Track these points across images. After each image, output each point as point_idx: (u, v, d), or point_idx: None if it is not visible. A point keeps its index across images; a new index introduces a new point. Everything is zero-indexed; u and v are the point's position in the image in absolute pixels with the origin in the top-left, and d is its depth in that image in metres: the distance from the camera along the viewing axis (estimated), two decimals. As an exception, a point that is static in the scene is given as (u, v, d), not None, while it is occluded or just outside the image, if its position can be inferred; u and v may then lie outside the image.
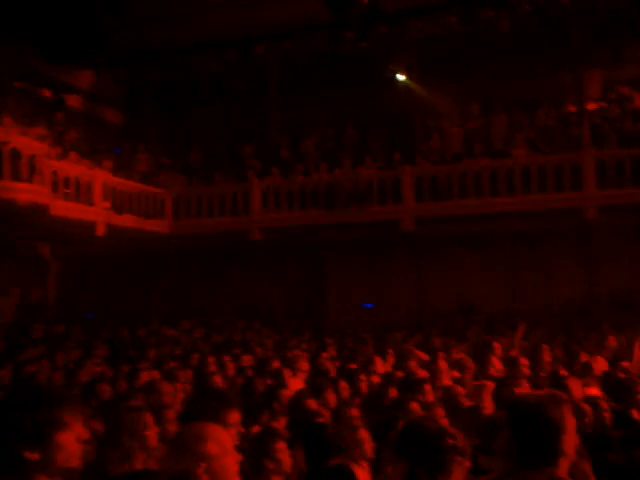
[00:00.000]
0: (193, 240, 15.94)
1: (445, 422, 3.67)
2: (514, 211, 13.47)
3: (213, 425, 2.36)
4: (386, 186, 14.65)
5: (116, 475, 3.14)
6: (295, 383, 6.53)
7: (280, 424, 4.32)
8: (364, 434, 4.21)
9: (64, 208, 13.01)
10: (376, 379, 6.96)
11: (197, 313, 15.47)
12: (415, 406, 4.28)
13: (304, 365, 7.72)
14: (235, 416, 3.15)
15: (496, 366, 7.17)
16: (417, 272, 16.18)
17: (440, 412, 4.18)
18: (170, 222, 16.00)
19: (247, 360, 9.09)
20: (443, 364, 7.50)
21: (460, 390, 5.71)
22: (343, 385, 6.22)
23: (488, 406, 5.04)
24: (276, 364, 7.56)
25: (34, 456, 1.96)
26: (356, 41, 13.65)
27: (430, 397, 5.22)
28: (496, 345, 8.39)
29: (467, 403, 5.30)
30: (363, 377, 6.69)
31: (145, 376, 6.27)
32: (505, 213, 13.59)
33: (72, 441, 2.04)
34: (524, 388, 5.25)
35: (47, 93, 13.02)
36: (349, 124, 16.77)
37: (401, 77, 16.38)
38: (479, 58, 15.36)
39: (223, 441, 2.26)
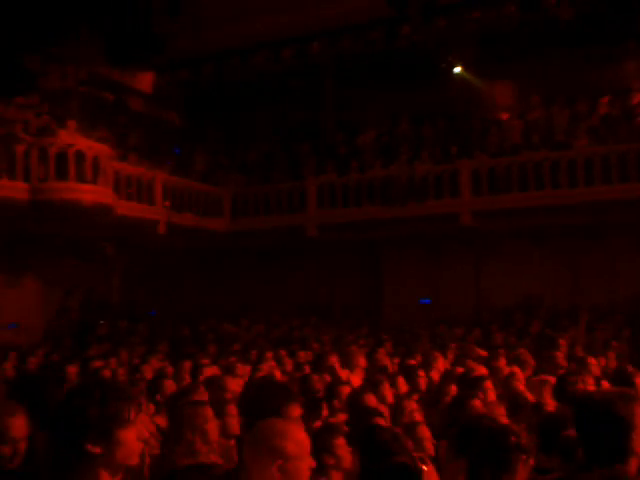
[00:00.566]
0: (251, 237, 16.15)
1: (506, 420, 3.62)
2: (576, 203, 13.10)
3: (292, 423, 2.37)
4: (443, 180, 14.49)
5: (179, 468, 3.21)
6: (352, 379, 6.55)
7: (339, 420, 4.34)
8: (424, 431, 4.18)
9: (127, 208, 13.39)
10: (435, 375, 6.92)
11: (255, 309, 15.67)
12: (476, 403, 4.23)
13: (361, 361, 7.73)
14: (296, 410, 3.16)
15: (559, 362, 7.00)
16: (475, 266, 15.94)
17: (501, 410, 4.11)
18: (228, 220, 16.26)
19: (304, 356, 9.17)
20: (503, 360, 7.39)
21: (521, 387, 5.61)
22: (401, 381, 6.20)
23: (549, 403, 4.93)
24: (333, 360, 7.59)
25: (96, 450, 2.00)
26: (413, 35, 13.52)
27: (490, 394, 5.15)
28: (560, 341, 8.21)
29: (528, 400, 5.20)
30: (422, 373, 6.65)
31: (207, 371, 6.40)
32: (567, 205, 13.23)
33: (133, 438, 2.08)
34: (589, 385, 5.12)
35: (109, 96, 13.41)
36: (405, 118, 16.63)
37: (457, 69, 16.15)
38: (538, 48, 14.98)
39: (302, 443, 2.23)
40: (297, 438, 2.23)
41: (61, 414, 2.09)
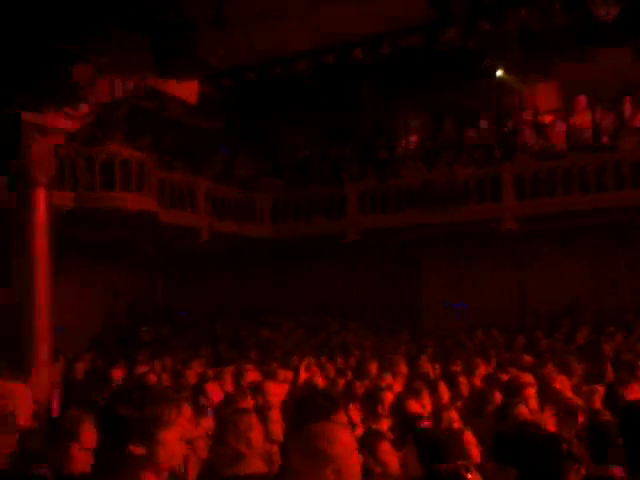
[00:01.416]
0: (291, 242, 16.23)
1: (554, 428, 3.55)
2: (623, 206, 12.81)
3: (337, 425, 2.39)
4: (485, 184, 14.33)
5: (227, 477, 3.23)
6: (394, 386, 6.51)
7: (383, 426, 4.32)
8: (470, 438, 4.13)
9: (170, 215, 13.62)
10: (478, 382, 6.83)
11: (295, 314, 15.73)
12: (522, 411, 4.16)
13: (402, 367, 7.69)
14: (342, 417, 3.17)
15: (607, 369, 6.84)
16: (517, 271, 15.69)
17: (550, 418, 4.03)
18: (269, 226, 16.37)
19: (346, 362, 9.16)
20: (550, 367, 7.26)
21: (569, 394, 5.50)
22: (443, 387, 6.14)
23: (599, 411, 4.81)
24: (374, 366, 7.57)
25: (139, 451, 2.03)
26: (455, 38, 13.42)
27: (535, 402, 5.06)
28: (606, 346, 8.02)
29: (577, 408, 5.09)
30: (464, 380, 6.58)
31: (250, 376, 6.45)
32: (613, 209, 12.95)
33: (175, 440, 2.10)
34: (638, 393, 4.99)
35: (154, 105, 13.68)
36: (445, 122, 16.51)
37: (500, 72, 15.97)
38: (583, 48, 14.70)
39: (348, 441, 2.26)
40: (344, 439, 2.26)
41: (104, 417, 2.15)
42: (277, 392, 4.93)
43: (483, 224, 14.24)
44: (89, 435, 2.88)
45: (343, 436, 2.27)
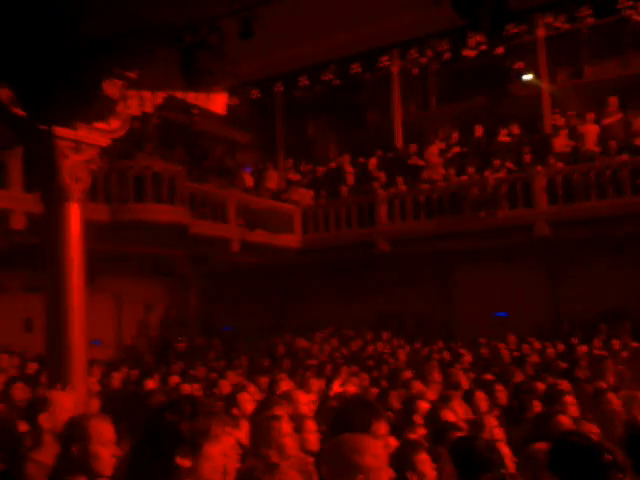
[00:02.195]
0: (321, 253, 16.23)
1: (597, 437, 3.46)
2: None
3: (368, 437, 2.37)
4: (516, 189, 14.17)
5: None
6: (428, 395, 6.43)
7: (419, 435, 4.27)
8: (505, 449, 4.06)
9: (202, 227, 13.74)
10: (514, 390, 6.71)
11: (328, 324, 15.71)
12: (562, 419, 4.07)
13: (437, 376, 7.61)
14: (384, 427, 3.13)
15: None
16: (552, 278, 15.45)
17: (591, 426, 3.93)
18: (299, 236, 16.41)
19: (380, 371, 9.10)
20: (587, 374, 7.12)
21: (610, 402, 5.36)
22: (480, 396, 6.05)
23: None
24: (408, 375, 7.50)
25: (185, 463, 2.02)
26: (483, 43, 13.34)
27: (574, 410, 4.95)
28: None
29: (618, 416, 4.97)
30: (500, 388, 6.48)
31: (283, 386, 6.45)
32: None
33: (220, 453, 2.10)
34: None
35: (184, 118, 13.87)
36: (475, 127, 16.40)
37: (528, 76, 15.82)
38: (613, 50, 14.50)
39: (379, 454, 2.25)
40: (374, 451, 2.25)
41: (152, 427, 2.13)
42: (307, 401, 4.92)
43: (515, 230, 14.06)
44: (108, 431, 2.90)
45: (374, 447, 2.26)
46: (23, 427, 3.90)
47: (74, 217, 4.74)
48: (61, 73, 4.01)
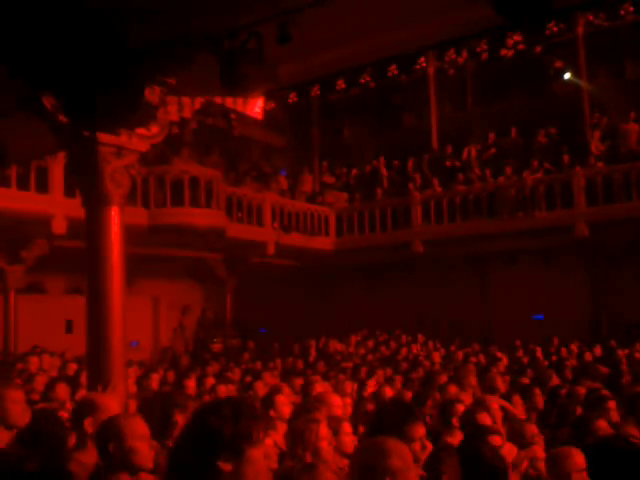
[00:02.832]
0: (356, 255, 16.23)
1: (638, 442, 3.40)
2: None
3: (395, 439, 2.38)
4: (555, 190, 13.96)
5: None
6: (464, 398, 6.38)
7: (456, 439, 4.25)
8: (539, 451, 4.02)
9: (238, 229, 13.87)
10: (551, 394, 6.62)
11: (362, 326, 15.69)
12: (601, 424, 4.01)
13: (472, 380, 7.53)
14: (421, 430, 3.12)
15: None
16: (592, 279, 15.17)
17: (633, 430, 3.86)
18: (334, 239, 16.44)
19: (416, 374, 9.05)
20: (627, 378, 6.98)
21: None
22: (517, 400, 5.99)
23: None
24: (444, 379, 7.44)
25: (227, 467, 2.00)
26: (522, 42, 13.18)
27: (616, 415, 4.87)
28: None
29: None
30: (538, 392, 6.39)
31: (318, 388, 6.45)
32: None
33: (261, 457, 2.08)
34: None
35: (221, 122, 14.04)
36: (513, 127, 16.21)
37: (567, 75, 15.58)
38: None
39: (405, 455, 2.26)
40: (400, 452, 2.26)
41: (194, 430, 2.10)
42: (341, 404, 4.91)
43: (554, 231, 13.86)
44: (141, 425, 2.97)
45: (401, 450, 2.26)
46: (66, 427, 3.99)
47: (115, 221, 4.84)
48: (105, 81, 4.10)
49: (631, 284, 14.25)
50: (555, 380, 7.52)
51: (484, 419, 4.52)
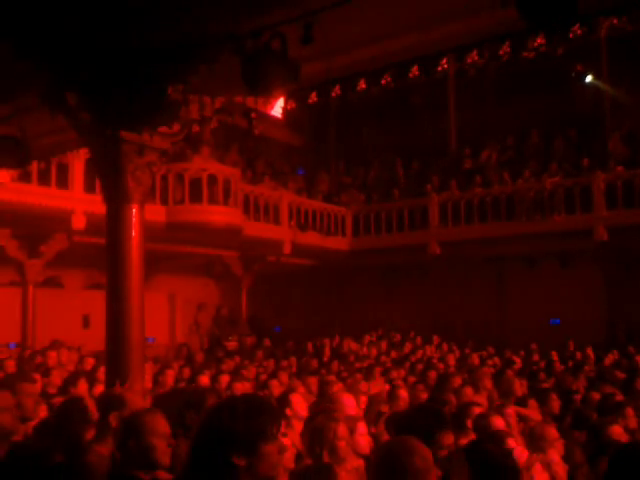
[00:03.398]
0: (372, 255, 16.21)
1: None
2: None
3: (416, 439, 2.38)
4: (574, 194, 13.86)
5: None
6: (478, 401, 6.36)
7: (470, 440, 4.23)
8: (555, 456, 4.00)
9: (254, 228, 13.92)
10: (565, 398, 6.59)
11: (376, 326, 15.68)
12: (616, 430, 3.99)
13: (487, 383, 7.50)
14: (450, 438, 3.10)
15: None
16: (609, 284, 15.04)
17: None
18: (350, 239, 16.44)
19: (430, 376, 9.02)
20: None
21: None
22: (533, 404, 5.97)
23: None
24: (458, 381, 7.42)
25: (241, 462, 2.05)
26: (543, 45, 13.08)
27: (634, 421, 4.84)
28: None
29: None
30: (554, 396, 6.36)
31: (333, 388, 6.47)
32: None
33: (276, 452, 2.12)
34: None
35: (241, 121, 14.08)
36: (532, 130, 16.10)
37: (589, 78, 15.46)
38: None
39: (427, 456, 2.28)
40: (421, 453, 2.27)
41: (209, 426, 2.15)
42: (355, 404, 4.92)
43: (572, 235, 13.76)
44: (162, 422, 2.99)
45: (423, 451, 2.27)
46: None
47: (135, 219, 4.87)
48: (130, 80, 4.14)
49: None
50: (571, 384, 7.47)
51: (497, 422, 4.51)
